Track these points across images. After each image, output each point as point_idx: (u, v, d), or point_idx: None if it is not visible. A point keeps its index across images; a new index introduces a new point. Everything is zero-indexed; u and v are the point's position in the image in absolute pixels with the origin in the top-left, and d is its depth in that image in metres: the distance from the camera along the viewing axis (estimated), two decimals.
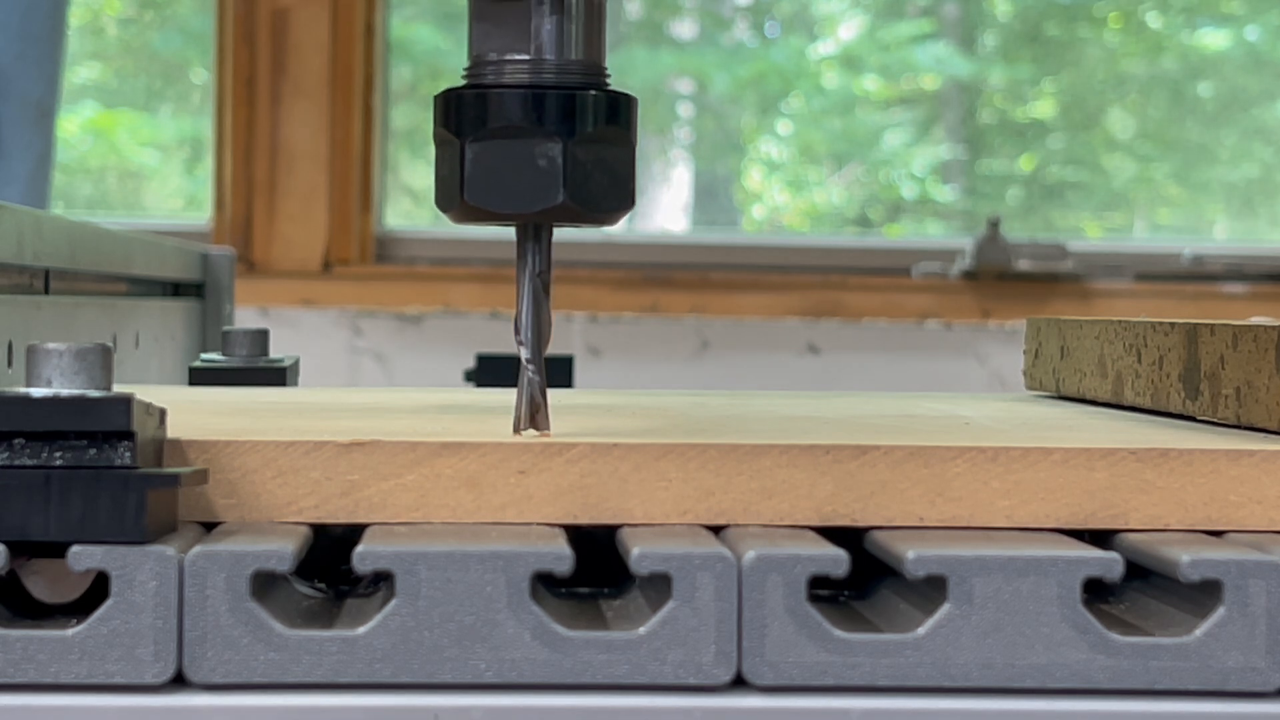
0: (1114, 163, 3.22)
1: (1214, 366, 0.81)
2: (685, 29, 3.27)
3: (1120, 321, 0.94)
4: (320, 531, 0.66)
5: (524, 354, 0.72)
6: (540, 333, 0.72)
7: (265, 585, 0.61)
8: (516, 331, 0.72)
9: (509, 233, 0.73)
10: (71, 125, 3.05)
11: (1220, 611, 0.60)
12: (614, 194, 0.71)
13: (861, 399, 1.00)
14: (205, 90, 3.01)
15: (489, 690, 0.59)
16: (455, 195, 0.70)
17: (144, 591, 0.58)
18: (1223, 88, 3.19)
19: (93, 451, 0.59)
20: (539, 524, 0.65)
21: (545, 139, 0.70)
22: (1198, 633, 0.60)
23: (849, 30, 3.21)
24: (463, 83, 0.72)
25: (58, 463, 0.59)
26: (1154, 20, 3.20)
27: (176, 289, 1.78)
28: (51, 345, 0.61)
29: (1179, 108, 3.18)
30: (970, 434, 0.73)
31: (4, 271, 1.15)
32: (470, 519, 0.65)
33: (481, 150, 0.70)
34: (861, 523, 0.66)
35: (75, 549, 0.58)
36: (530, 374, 0.71)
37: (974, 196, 3.21)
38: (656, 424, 0.77)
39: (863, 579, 0.66)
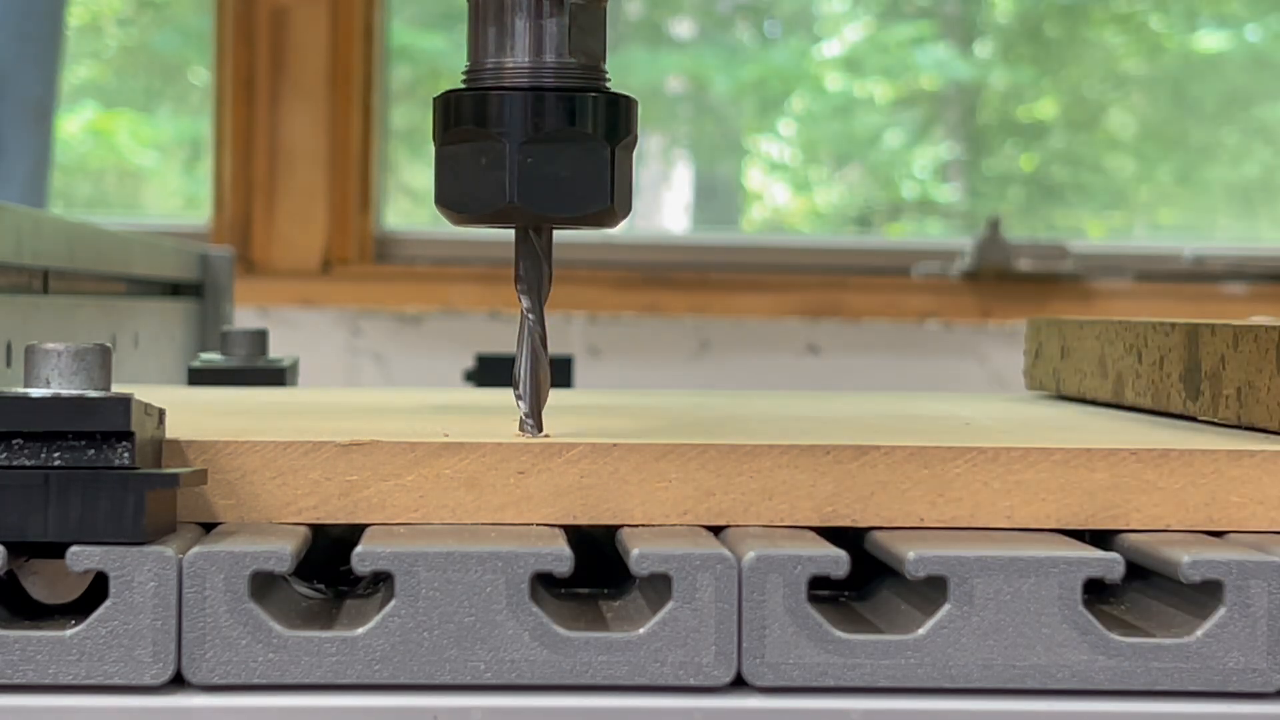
0: (1114, 163, 3.21)
1: (1215, 367, 0.81)
2: (684, 28, 3.26)
3: (1121, 321, 0.94)
4: (319, 532, 0.65)
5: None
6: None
7: (264, 586, 0.61)
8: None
9: (508, 233, 0.73)
10: (71, 126, 3.05)
11: (1221, 612, 0.60)
12: (598, 196, 0.71)
13: (861, 399, 1.00)
14: (204, 90, 3.01)
15: (488, 691, 0.59)
16: (494, 197, 0.70)
17: (143, 592, 0.58)
18: (1223, 88, 3.19)
19: (91, 452, 0.59)
20: (538, 524, 0.65)
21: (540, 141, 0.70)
22: (1198, 633, 0.60)
23: (850, 33, 3.21)
24: (462, 85, 0.72)
25: (56, 463, 0.59)
26: (1154, 20, 3.20)
27: (175, 289, 1.78)
28: (50, 345, 0.61)
29: (1179, 108, 3.18)
30: (970, 434, 0.73)
31: (3, 271, 1.15)
32: (470, 519, 0.65)
33: (537, 152, 0.70)
34: (861, 523, 0.66)
35: (74, 549, 0.58)
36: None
37: (974, 196, 3.21)
38: (656, 424, 0.77)
39: (863, 579, 0.66)
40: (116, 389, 0.61)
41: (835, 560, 0.60)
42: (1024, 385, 1.11)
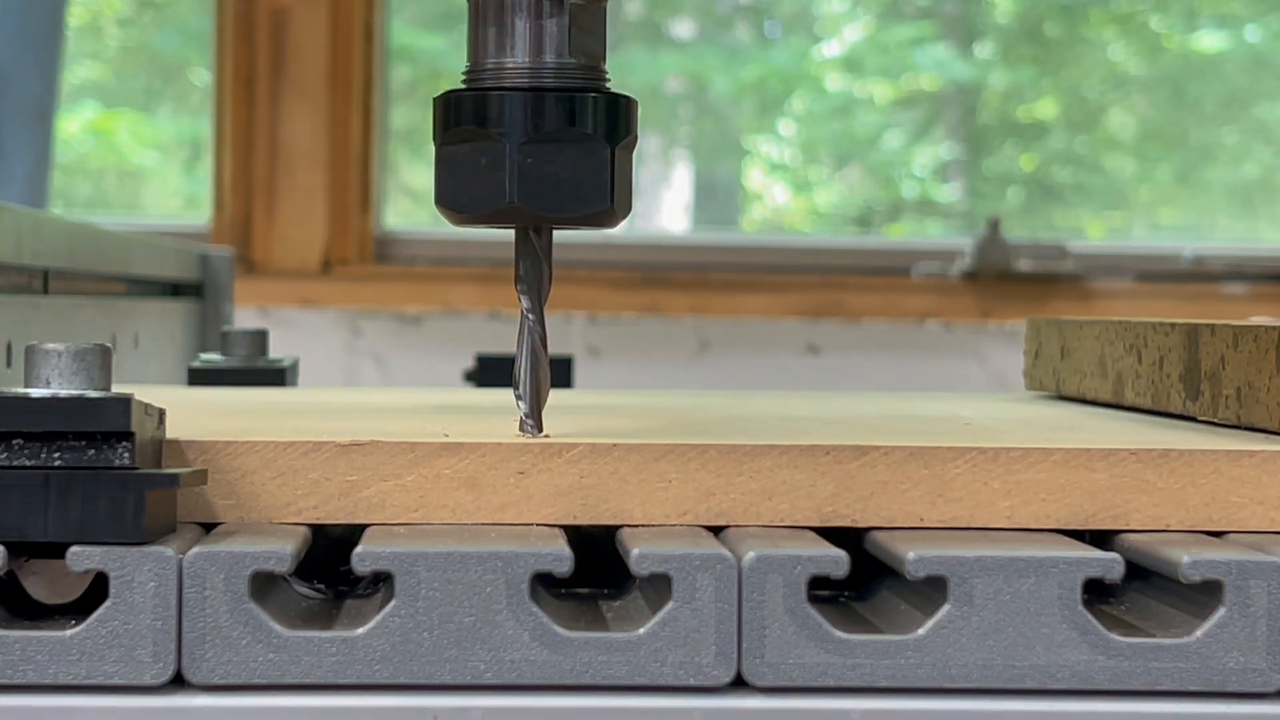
0: (1114, 163, 3.22)
1: (1214, 367, 0.81)
2: (684, 28, 3.27)
3: (1120, 322, 0.94)
4: (319, 532, 0.66)
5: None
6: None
7: (264, 586, 0.61)
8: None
9: (508, 233, 0.73)
10: (72, 126, 3.05)
11: (1221, 612, 0.60)
12: (598, 196, 0.71)
13: (861, 399, 1.00)
14: (204, 90, 3.01)
15: (488, 691, 0.59)
16: (494, 197, 0.70)
17: (143, 592, 0.58)
18: (1223, 88, 3.19)
19: (91, 452, 0.59)
20: (538, 524, 0.65)
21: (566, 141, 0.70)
22: (1198, 633, 0.60)
23: (850, 33, 3.21)
24: (462, 85, 0.72)
25: (56, 463, 0.59)
26: (1154, 20, 3.20)
27: (175, 289, 1.78)
28: (50, 345, 0.61)
29: (1179, 108, 3.18)
30: (970, 434, 0.73)
31: (3, 272, 1.15)
32: (470, 519, 0.65)
33: (537, 152, 0.70)
34: (861, 523, 0.66)
35: (74, 549, 0.58)
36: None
37: (974, 196, 3.21)
38: (656, 424, 0.77)
39: (863, 579, 0.66)
40: (116, 389, 0.61)
41: (835, 560, 0.60)
42: (1024, 385, 1.11)
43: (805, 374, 2.86)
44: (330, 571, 0.68)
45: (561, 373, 1.33)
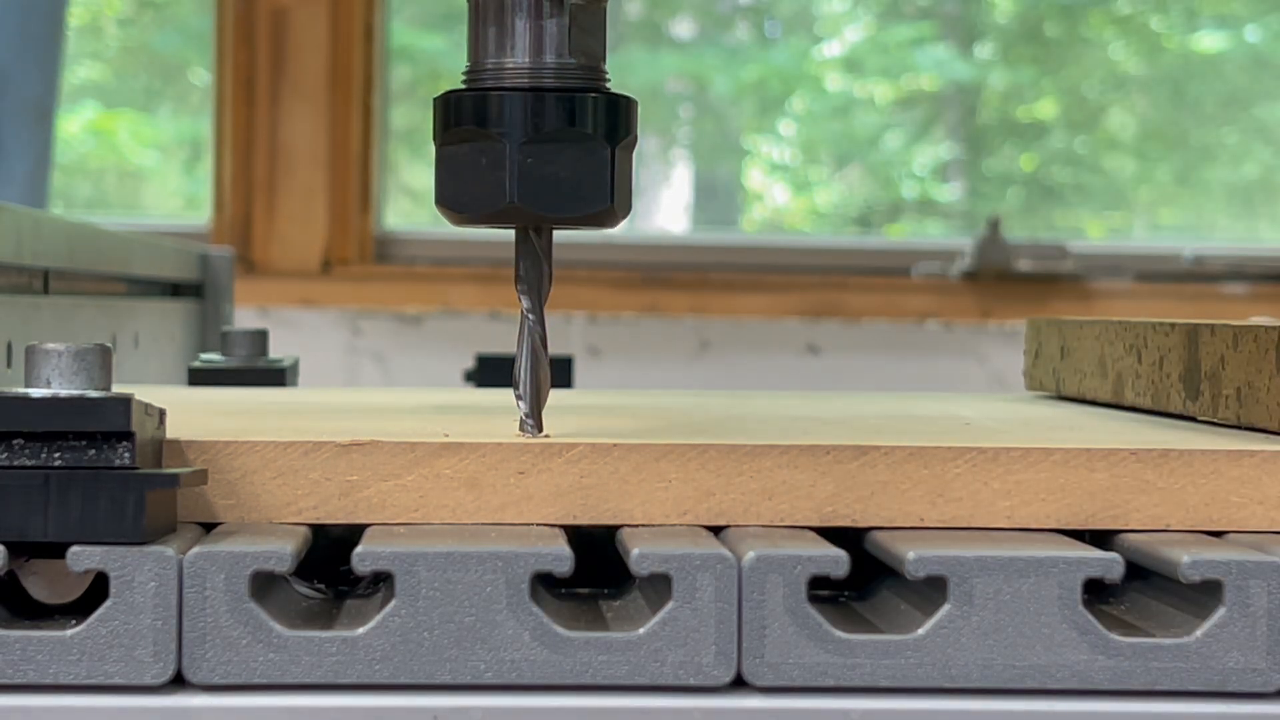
0: (1114, 163, 3.22)
1: (1214, 367, 0.81)
2: (684, 28, 3.27)
3: (1120, 322, 0.94)
4: (319, 532, 0.66)
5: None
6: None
7: (264, 586, 0.61)
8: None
9: (508, 233, 0.73)
10: (71, 126, 3.05)
11: (1221, 612, 0.60)
12: (598, 196, 0.71)
13: (861, 399, 1.00)
14: (204, 90, 3.01)
15: (488, 691, 0.59)
16: (494, 197, 0.70)
17: (143, 592, 0.58)
18: (1223, 88, 3.19)
19: (92, 452, 0.59)
20: (539, 524, 0.65)
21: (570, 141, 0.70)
22: (1198, 633, 0.60)
23: (850, 33, 3.21)
24: (462, 85, 0.72)
25: (57, 463, 0.59)
26: (1154, 21, 3.20)
27: (176, 289, 1.78)
28: (50, 345, 0.61)
29: (1179, 108, 3.18)
30: (970, 434, 0.73)
31: (3, 272, 1.15)
32: (470, 519, 0.65)
33: (537, 152, 0.70)
34: (862, 523, 0.66)
35: (74, 549, 0.58)
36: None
37: (974, 196, 3.21)
38: (656, 424, 0.77)
39: (863, 579, 0.66)
40: (117, 389, 0.61)
41: (835, 560, 0.60)
42: (1024, 385, 1.11)
43: (805, 374, 2.86)
44: (330, 571, 0.68)
45: (561, 373, 1.33)
